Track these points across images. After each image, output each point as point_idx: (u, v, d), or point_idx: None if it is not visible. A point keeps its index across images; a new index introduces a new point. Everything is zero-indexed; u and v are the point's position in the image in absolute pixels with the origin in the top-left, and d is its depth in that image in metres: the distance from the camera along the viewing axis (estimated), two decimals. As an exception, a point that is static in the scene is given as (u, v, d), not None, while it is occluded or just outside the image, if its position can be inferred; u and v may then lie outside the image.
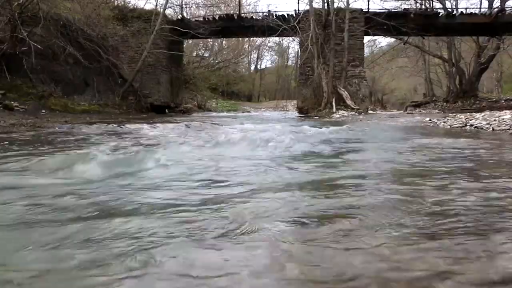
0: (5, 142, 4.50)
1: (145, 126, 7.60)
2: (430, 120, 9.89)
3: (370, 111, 16.66)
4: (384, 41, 34.10)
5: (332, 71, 16.38)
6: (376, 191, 2.11)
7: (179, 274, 1.09)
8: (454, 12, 18.59)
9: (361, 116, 13.78)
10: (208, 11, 24.30)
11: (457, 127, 7.93)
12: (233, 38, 33.45)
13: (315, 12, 16.45)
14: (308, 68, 17.05)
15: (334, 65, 16.45)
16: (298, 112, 17.85)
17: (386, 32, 17.75)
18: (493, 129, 6.92)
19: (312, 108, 16.44)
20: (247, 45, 41.48)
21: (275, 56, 49.44)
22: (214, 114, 21.30)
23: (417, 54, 28.05)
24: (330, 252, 1.24)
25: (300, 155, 3.78)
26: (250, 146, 4.29)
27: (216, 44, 35.75)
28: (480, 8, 19.64)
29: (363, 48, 17.88)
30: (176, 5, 20.18)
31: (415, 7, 19.39)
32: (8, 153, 3.52)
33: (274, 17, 17.73)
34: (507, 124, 6.89)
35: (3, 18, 11.36)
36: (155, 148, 4.02)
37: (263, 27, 17.12)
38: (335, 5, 16.88)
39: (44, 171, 2.65)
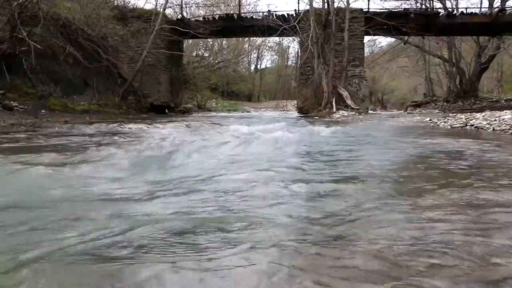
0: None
1: (145, 126, 7.59)
2: (430, 120, 9.87)
3: (370, 111, 16.66)
4: (384, 41, 34.14)
5: (332, 71, 16.35)
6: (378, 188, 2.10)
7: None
8: (455, 12, 18.58)
9: (361, 116, 13.76)
10: (208, 11, 24.28)
11: (457, 127, 7.91)
12: (233, 38, 33.41)
13: (315, 12, 16.42)
14: (308, 68, 17.02)
15: (334, 65, 16.42)
16: (298, 112, 17.82)
17: (386, 32, 17.72)
18: (493, 129, 6.90)
19: (312, 108, 16.41)
20: (247, 45, 41.46)
21: (275, 56, 49.46)
22: (214, 114, 21.29)
23: (417, 54, 28.03)
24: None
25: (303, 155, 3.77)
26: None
27: (216, 44, 35.72)
28: (481, 8, 19.64)
29: (363, 48, 17.84)
30: (176, 5, 20.18)
31: (415, 7, 19.38)
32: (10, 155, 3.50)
33: (274, 17, 17.70)
34: (507, 124, 6.86)
35: (3, 17, 11.33)
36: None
37: (263, 27, 17.10)
38: (335, 5, 16.86)
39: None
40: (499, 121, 7.37)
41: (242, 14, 19.61)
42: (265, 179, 2.48)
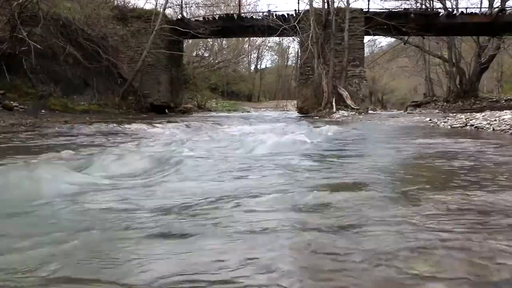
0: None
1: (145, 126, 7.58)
2: (430, 120, 9.87)
3: (370, 111, 16.68)
4: (384, 41, 34.17)
5: (332, 71, 16.37)
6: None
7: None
8: (455, 12, 18.60)
9: (361, 116, 13.77)
10: (208, 11, 24.31)
11: (457, 127, 7.91)
12: (233, 38, 33.44)
13: (315, 12, 16.44)
14: (308, 68, 17.04)
15: (334, 65, 16.44)
16: (298, 112, 17.84)
17: (386, 32, 17.74)
18: (493, 129, 6.89)
19: (312, 108, 16.43)
20: (247, 45, 41.52)
21: (275, 56, 49.54)
22: (214, 114, 21.30)
23: (417, 54, 28.07)
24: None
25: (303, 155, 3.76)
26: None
27: (216, 44, 35.77)
28: (481, 8, 19.68)
29: (363, 48, 17.88)
30: (176, 5, 20.23)
31: (415, 7, 19.41)
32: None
33: (274, 17, 17.72)
34: (507, 124, 6.85)
35: (3, 17, 11.35)
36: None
37: (263, 27, 17.13)
38: (335, 5, 16.90)
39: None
40: (499, 121, 7.37)
41: (242, 14, 19.63)
42: (264, 181, 2.48)
